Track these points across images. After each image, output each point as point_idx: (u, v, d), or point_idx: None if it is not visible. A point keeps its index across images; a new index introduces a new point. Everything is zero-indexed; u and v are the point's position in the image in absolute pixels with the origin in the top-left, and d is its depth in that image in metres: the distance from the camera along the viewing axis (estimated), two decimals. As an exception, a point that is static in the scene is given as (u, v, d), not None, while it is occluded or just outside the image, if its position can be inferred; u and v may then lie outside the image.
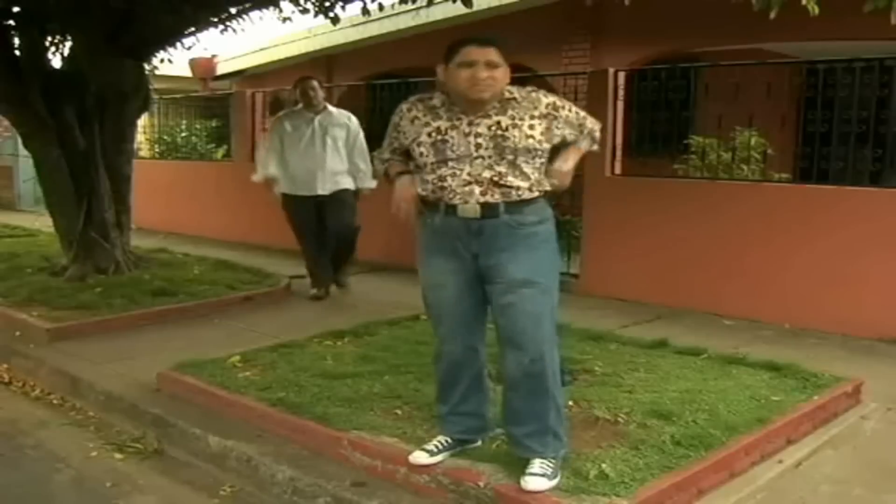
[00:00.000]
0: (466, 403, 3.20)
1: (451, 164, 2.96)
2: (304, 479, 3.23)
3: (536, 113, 2.97)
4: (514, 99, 2.98)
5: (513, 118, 2.94)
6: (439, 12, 8.00)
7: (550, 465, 2.94)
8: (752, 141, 6.95)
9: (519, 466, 2.97)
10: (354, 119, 6.47)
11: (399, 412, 3.63)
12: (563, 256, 5.35)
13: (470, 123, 2.95)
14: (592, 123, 3.18)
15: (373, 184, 6.23)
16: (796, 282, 5.75)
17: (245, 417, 3.79)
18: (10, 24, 6.68)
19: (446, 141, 2.96)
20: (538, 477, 2.90)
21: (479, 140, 2.93)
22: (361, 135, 6.40)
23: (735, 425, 3.46)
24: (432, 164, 2.99)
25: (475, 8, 6.20)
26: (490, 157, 2.92)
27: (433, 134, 2.99)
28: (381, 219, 4.03)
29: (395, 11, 7.77)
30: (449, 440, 3.20)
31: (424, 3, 6.24)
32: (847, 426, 3.87)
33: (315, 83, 6.38)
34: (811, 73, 6.68)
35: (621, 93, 6.72)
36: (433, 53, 3.16)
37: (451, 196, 2.96)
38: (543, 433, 2.99)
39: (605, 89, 6.54)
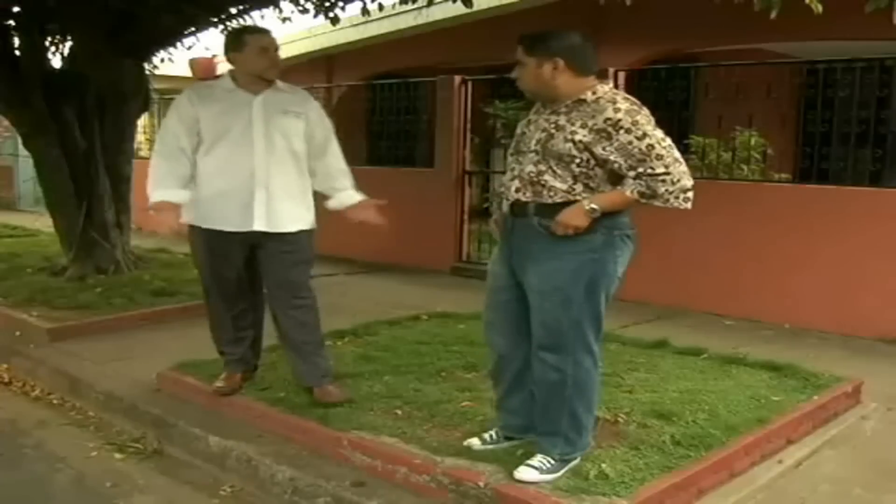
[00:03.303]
0: (510, 399, 3.20)
1: (518, 157, 2.98)
2: (304, 479, 3.23)
3: (591, 122, 2.78)
4: (585, 101, 2.84)
5: (569, 120, 2.84)
6: (439, 12, 7.99)
7: (551, 462, 2.95)
8: (752, 141, 6.94)
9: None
10: (314, 102, 3.92)
11: (399, 412, 3.63)
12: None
13: (544, 119, 2.93)
14: (665, 170, 2.75)
15: (358, 197, 3.90)
16: (796, 282, 5.75)
17: (245, 417, 3.79)
18: (10, 24, 6.68)
19: (524, 133, 3.00)
20: (530, 468, 2.93)
21: (538, 135, 2.91)
22: (327, 122, 3.90)
23: (735, 425, 3.46)
24: (509, 154, 3.06)
25: (475, 8, 6.20)
26: (538, 153, 2.88)
27: (523, 126, 3.04)
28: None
29: (395, 11, 7.75)
30: (495, 434, 3.21)
31: (424, 3, 6.24)
32: (847, 426, 3.88)
33: (275, 39, 3.77)
34: (811, 73, 6.67)
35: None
36: (433, 53, 3.17)
37: (502, 189, 3.02)
38: (554, 434, 2.99)
39: (605, 89, 6.53)
